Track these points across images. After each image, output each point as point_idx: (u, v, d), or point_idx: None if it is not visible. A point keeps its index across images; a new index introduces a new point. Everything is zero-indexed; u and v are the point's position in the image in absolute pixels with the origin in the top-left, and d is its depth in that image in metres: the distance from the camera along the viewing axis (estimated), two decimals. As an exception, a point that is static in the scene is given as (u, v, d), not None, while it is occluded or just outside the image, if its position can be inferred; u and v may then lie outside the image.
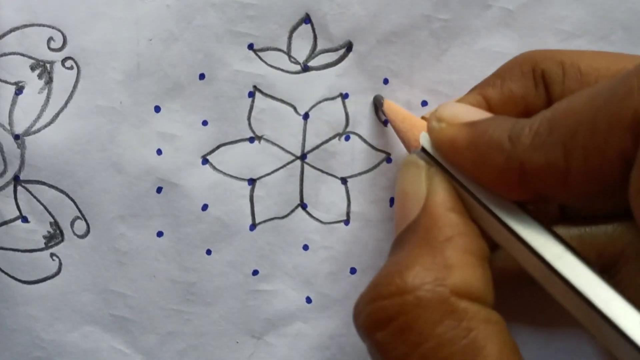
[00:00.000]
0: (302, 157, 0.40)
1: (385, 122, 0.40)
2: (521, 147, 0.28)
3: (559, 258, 0.29)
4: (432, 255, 0.29)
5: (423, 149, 0.33)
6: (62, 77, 0.39)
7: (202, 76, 0.39)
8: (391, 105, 0.39)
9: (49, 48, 0.38)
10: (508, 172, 0.29)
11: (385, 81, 0.40)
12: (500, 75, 0.36)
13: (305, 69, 0.40)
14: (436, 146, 0.32)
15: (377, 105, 0.40)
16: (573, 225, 0.35)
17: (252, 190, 0.40)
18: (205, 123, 0.40)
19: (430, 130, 0.32)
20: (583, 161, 0.27)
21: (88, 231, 0.40)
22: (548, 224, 0.30)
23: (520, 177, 0.28)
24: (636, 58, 0.33)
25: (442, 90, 0.40)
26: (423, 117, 0.38)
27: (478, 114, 0.31)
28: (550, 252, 0.29)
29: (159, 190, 0.40)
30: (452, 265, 0.29)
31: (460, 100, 0.36)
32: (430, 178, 0.32)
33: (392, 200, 0.41)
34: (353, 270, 0.41)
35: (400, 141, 0.38)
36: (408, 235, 0.31)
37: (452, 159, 0.31)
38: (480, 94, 0.35)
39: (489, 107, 0.35)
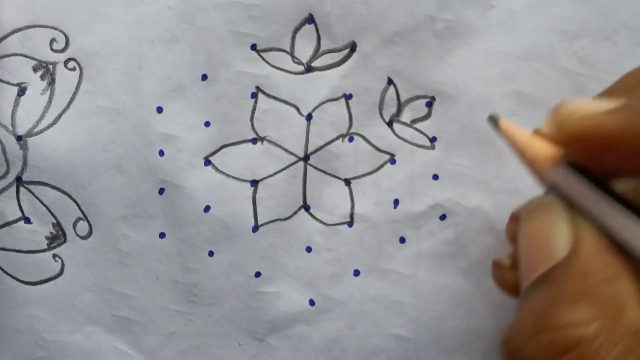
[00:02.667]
0: (305, 158, 0.40)
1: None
2: None
3: None
4: (599, 291, 0.28)
5: (552, 186, 0.30)
6: (65, 78, 0.39)
7: (204, 77, 0.39)
8: (510, 126, 0.33)
9: (52, 49, 0.38)
10: None
11: (389, 81, 0.40)
12: (624, 90, 0.32)
13: (309, 69, 0.40)
14: (578, 138, 0.29)
15: (494, 123, 0.33)
16: None
17: (254, 192, 0.40)
18: (207, 124, 0.40)
19: (563, 124, 0.29)
20: None
21: (90, 232, 0.40)
22: None
23: None
24: None
25: (446, 91, 0.40)
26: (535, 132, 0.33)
27: (615, 103, 0.29)
28: None
29: (161, 191, 0.40)
30: (622, 303, 0.28)
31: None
32: (576, 220, 0.29)
33: (396, 202, 0.41)
34: (356, 272, 0.41)
35: (525, 165, 0.33)
36: (560, 273, 0.29)
37: (602, 150, 0.29)
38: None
39: None
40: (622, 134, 0.28)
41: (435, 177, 0.41)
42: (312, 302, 0.41)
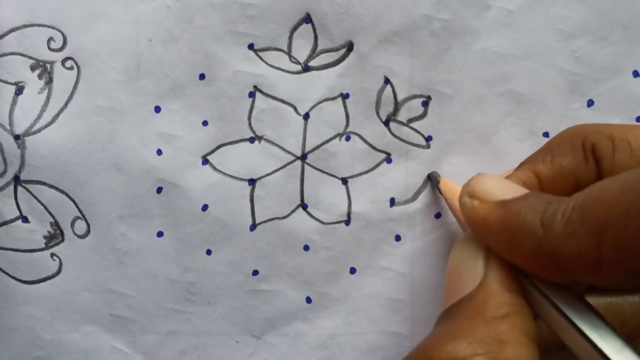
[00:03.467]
0: (303, 157, 0.40)
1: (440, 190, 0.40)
2: (553, 234, 0.28)
3: (617, 353, 0.28)
4: (487, 328, 0.29)
5: None
6: (62, 78, 0.39)
7: (202, 76, 0.39)
8: (448, 184, 0.39)
9: (49, 48, 0.38)
10: (540, 256, 0.29)
11: (386, 81, 0.40)
12: (549, 150, 0.35)
13: (306, 68, 0.40)
14: (469, 224, 0.32)
15: (433, 181, 0.40)
16: (599, 295, 0.35)
17: (252, 191, 0.40)
18: (205, 123, 0.40)
19: (462, 207, 0.32)
20: (615, 254, 0.26)
21: (88, 231, 0.40)
22: (599, 314, 0.30)
23: (553, 262, 0.28)
24: None
25: (442, 91, 0.40)
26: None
27: (511, 190, 0.31)
28: (610, 346, 0.28)
29: (159, 190, 0.40)
30: (505, 342, 0.29)
31: (510, 176, 0.35)
32: (488, 256, 0.31)
33: (392, 200, 0.41)
34: (353, 270, 0.41)
35: (457, 221, 0.38)
36: (461, 307, 0.31)
37: (485, 238, 0.31)
38: (531, 170, 0.35)
39: (539, 183, 0.35)
40: (498, 231, 0.30)
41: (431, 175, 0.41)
42: (309, 300, 0.41)
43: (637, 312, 0.34)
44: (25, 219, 0.39)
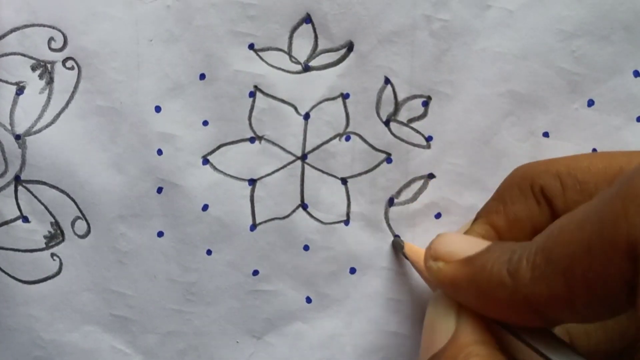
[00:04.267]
0: (303, 157, 0.40)
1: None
2: (522, 281, 0.28)
3: None
4: None
5: None
6: (63, 78, 0.39)
7: (202, 76, 0.39)
8: (412, 248, 0.40)
9: (50, 48, 0.38)
10: (514, 304, 0.29)
11: (386, 81, 0.40)
12: (501, 199, 0.35)
13: (306, 68, 0.40)
14: (438, 286, 0.32)
15: (397, 248, 0.41)
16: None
17: (252, 191, 0.40)
18: (205, 123, 0.40)
19: (429, 271, 0.32)
20: (586, 289, 0.27)
21: (89, 231, 0.40)
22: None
23: (527, 307, 0.28)
24: (631, 156, 0.33)
25: (442, 91, 0.40)
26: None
27: (473, 245, 0.31)
28: None
29: (160, 190, 0.40)
30: None
31: (468, 231, 0.36)
32: (460, 312, 0.32)
33: (391, 201, 0.41)
34: (353, 270, 0.41)
35: (425, 282, 0.38)
36: None
37: (456, 297, 0.32)
38: (487, 223, 0.35)
39: (497, 233, 0.35)
40: (467, 288, 0.31)
41: (431, 176, 0.41)
42: (309, 300, 0.41)
43: (620, 336, 0.34)
44: (25, 219, 0.40)
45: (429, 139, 0.41)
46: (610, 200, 0.26)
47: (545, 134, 0.41)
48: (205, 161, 0.40)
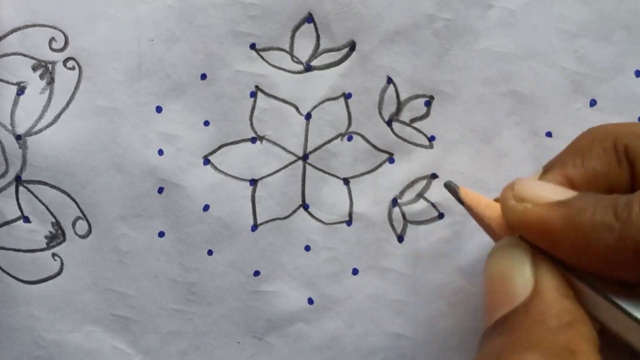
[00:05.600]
0: (304, 157, 0.40)
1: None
2: (633, 225, 0.27)
3: None
4: (555, 339, 0.28)
5: (522, 237, 0.31)
6: (64, 78, 0.39)
7: (203, 76, 0.39)
8: (469, 193, 0.35)
9: (51, 48, 0.38)
10: (620, 251, 0.27)
11: (389, 81, 0.40)
12: (579, 152, 0.33)
13: (308, 68, 0.40)
14: (522, 228, 0.30)
15: (452, 192, 0.36)
16: None
17: (253, 191, 0.40)
18: (206, 123, 0.40)
19: (509, 210, 0.30)
20: None
21: (90, 231, 0.40)
22: None
23: (635, 256, 0.27)
24: None
25: (445, 90, 0.40)
26: (497, 200, 0.34)
27: (562, 193, 0.30)
28: None
29: (161, 190, 0.40)
30: (575, 351, 0.28)
31: (541, 179, 0.33)
32: (537, 263, 0.30)
33: (394, 201, 0.41)
34: (355, 271, 0.41)
35: (485, 231, 0.35)
36: (518, 317, 0.29)
37: (544, 241, 0.30)
38: (562, 174, 0.33)
39: (572, 186, 0.32)
40: (563, 231, 0.29)
41: (434, 176, 0.41)
42: (310, 301, 0.41)
43: None
44: (26, 219, 0.40)
45: (431, 138, 0.41)
46: None
47: (548, 134, 0.41)
48: (206, 161, 0.40)
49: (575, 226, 0.28)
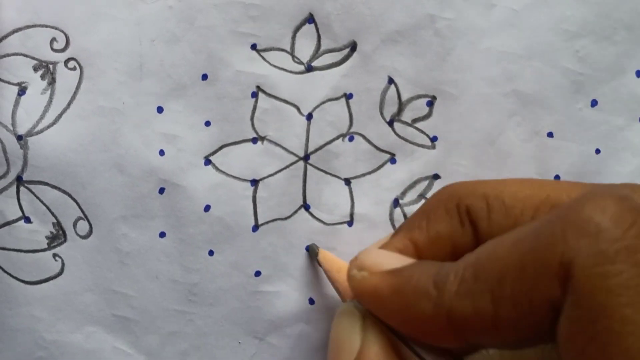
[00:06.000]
0: (306, 157, 0.40)
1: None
2: (448, 294, 0.28)
3: None
4: None
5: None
6: (65, 78, 0.39)
7: (204, 77, 0.39)
8: (326, 256, 0.39)
9: (52, 49, 0.38)
10: (436, 319, 0.28)
11: (390, 81, 0.40)
12: (425, 215, 0.34)
13: (309, 69, 0.40)
14: (358, 295, 0.32)
15: (312, 255, 0.40)
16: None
17: (254, 191, 0.40)
18: (208, 124, 0.40)
19: (350, 279, 0.32)
20: (511, 308, 0.26)
21: (91, 232, 0.40)
22: None
23: (448, 324, 0.28)
24: (559, 185, 0.32)
25: (447, 90, 0.40)
26: None
27: (400, 261, 0.31)
28: None
29: (162, 190, 0.40)
30: None
31: (386, 245, 0.35)
32: (365, 329, 0.32)
33: (395, 202, 0.41)
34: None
35: (336, 292, 0.38)
36: None
37: (375, 308, 0.31)
38: (407, 238, 0.34)
39: (416, 250, 0.34)
40: (390, 298, 0.30)
41: (436, 176, 0.41)
42: (311, 301, 0.41)
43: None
44: (27, 220, 0.40)
45: (433, 139, 0.41)
46: (549, 222, 0.26)
47: (550, 134, 0.41)
48: (208, 162, 0.40)
49: (400, 293, 0.30)
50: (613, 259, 0.24)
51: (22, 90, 0.39)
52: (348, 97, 0.40)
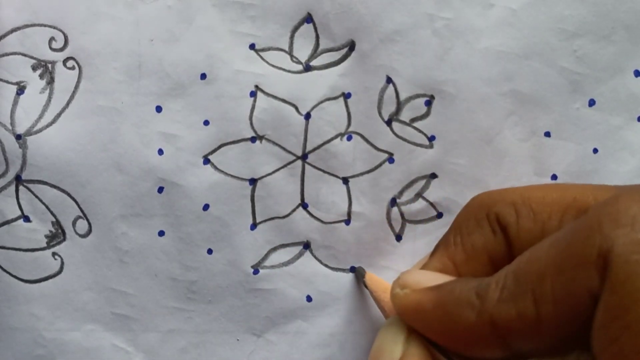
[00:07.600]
0: (304, 157, 0.40)
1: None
2: (490, 302, 0.29)
3: None
4: None
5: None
6: (64, 77, 0.39)
7: (203, 76, 0.39)
8: (372, 277, 0.40)
9: (51, 48, 0.38)
10: (480, 327, 0.29)
11: (388, 80, 0.40)
12: (458, 230, 0.35)
13: (307, 68, 0.40)
14: (401, 312, 0.33)
15: (359, 277, 0.41)
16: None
17: (253, 190, 0.40)
18: (206, 123, 0.40)
19: (394, 297, 0.33)
20: (553, 305, 0.27)
21: (90, 230, 0.40)
22: None
23: (492, 332, 0.29)
24: (584, 188, 0.33)
25: (445, 90, 0.40)
26: None
27: (441, 279, 0.32)
28: None
29: (160, 190, 0.40)
30: None
31: (426, 265, 0.36)
32: (409, 342, 0.33)
33: (393, 201, 0.41)
34: (353, 270, 0.41)
35: (381, 312, 0.39)
36: None
37: (418, 322, 0.32)
38: (445, 256, 0.35)
39: (455, 267, 0.35)
40: (433, 312, 0.31)
41: (434, 176, 0.41)
42: (309, 299, 0.41)
43: None
44: (26, 219, 0.40)
45: (431, 138, 0.41)
46: (584, 219, 0.27)
47: (547, 134, 0.41)
48: (206, 161, 0.40)
49: (443, 306, 0.31)
50: None
51: (20, 90, 0.39)
52: (346, 96, 0.40)
